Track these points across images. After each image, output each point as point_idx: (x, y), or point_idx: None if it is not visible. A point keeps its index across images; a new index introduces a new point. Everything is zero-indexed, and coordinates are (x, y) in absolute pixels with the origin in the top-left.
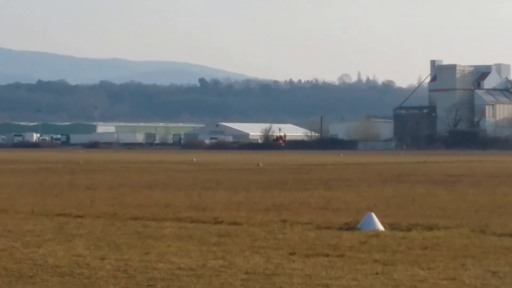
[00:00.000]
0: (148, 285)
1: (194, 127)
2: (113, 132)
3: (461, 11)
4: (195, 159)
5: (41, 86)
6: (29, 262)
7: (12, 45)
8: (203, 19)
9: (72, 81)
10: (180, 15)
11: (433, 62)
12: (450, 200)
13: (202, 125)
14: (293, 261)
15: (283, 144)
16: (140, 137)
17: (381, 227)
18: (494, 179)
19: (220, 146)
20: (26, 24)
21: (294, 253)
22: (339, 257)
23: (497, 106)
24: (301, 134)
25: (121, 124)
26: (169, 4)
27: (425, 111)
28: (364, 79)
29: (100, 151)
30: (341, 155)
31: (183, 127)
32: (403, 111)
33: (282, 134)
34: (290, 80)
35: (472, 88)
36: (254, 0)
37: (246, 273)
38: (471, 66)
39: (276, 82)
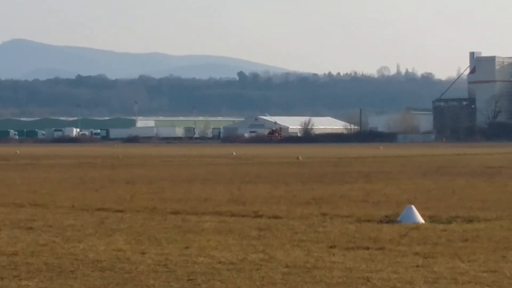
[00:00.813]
0: (188, 279)
1: (233, 120)
2: (152, 127)
3: (500, 1)
4: (234, 153)
5: (81, 81)
6: (70, 257)
7: (52, 40)
8: (242, 13)
9: (112, 75)
10: (219, 10)
11: (472, 54)
12: (490, 192)
13: (241, 119)
14: (333, 254)
15: (279, 137)
16: (179, 131)
17: (421, 220)
18: None
19: (259, 139)
20: (66, 19)
21: (334, 246)
22: (380, 250)
23: None
24: (340, 127)
25: (161, 118)
26: None
27: (464, 103)
28: (403, 71)
29: (139, 146)
30: (381, 147)
31: (222, 121)
32: (442, 103)
33: (278, 127)
34: (329, 73)
35: (511, 79)
36: None
37: (287, 266)
38: (510, 57)
39: (315, 75)
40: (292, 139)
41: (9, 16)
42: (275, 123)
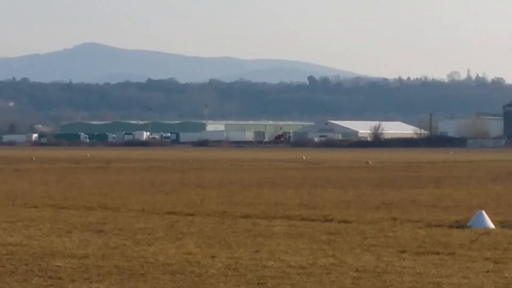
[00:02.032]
0: (258, 283)
1: (303, 125)
2: (222, 131)
3: None
4: (304, 157)
5: (151, 85)
6: (140, 260)
7: (124, 44)
8: (312, 17)
9: (182, 79)
10: (290, 14)
11: None
12: None
13: (311, 123)
14: (403, 259)
15: (284, 141)
16: (249, 135)
17: (491, 225)
18: None
19: (329, 144)
20: (137, 24)
21: (405, 251)
22: (450, 255)
23: None
24: (410, 132)
25: (231, 122)
26: (279, 3)
27: None
28: (473, 76)
29: (209, 149)
30: (451, 152)
31: (292, 125)
32: None
33: (283, 132)
34: (399, 77)
35: None
36: None
37: (357, 271)
38: None
39: (385, 79)
40: (362, 143)
41: (81, 20)
42: (280, 128)
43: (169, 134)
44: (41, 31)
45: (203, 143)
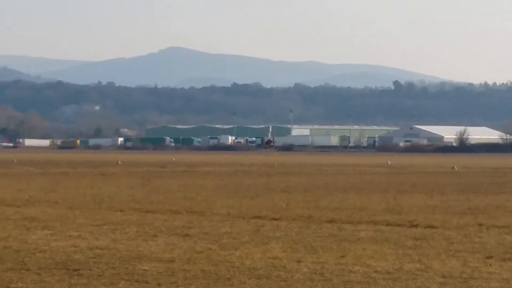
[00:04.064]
0: None
1: (388, 130)
2: (307, 135)
3: None
4: (389, 162)
5: (236, 89)
6: (226, 264)
7: (209, 48)
8: (398, 22)
9: (267, 84)
10: (375, 18)
11: None
12: None
13: (396, 128)
14: (490, 265)
15: (273, 146)
16: (334, 140)
17: None
18: None
19: (414, 149)
20: (222, 28)
21: (491, 257)
22: None
23: None
24: (496, 137)
25: (316, 127)
26: (364, 8)
27: None
28: None
29: (294, 154)
30: None
31: (377, 130)
32: None
33: (271, 138)
34: (485, 82)
35: None
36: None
37: (443, 276)
38: None
39: (471, 84)
40: (447, 148)
41: (167, 25)
42: (270, 134)
43: (254, 139)
44: (127, 36)
45: (288, 148)
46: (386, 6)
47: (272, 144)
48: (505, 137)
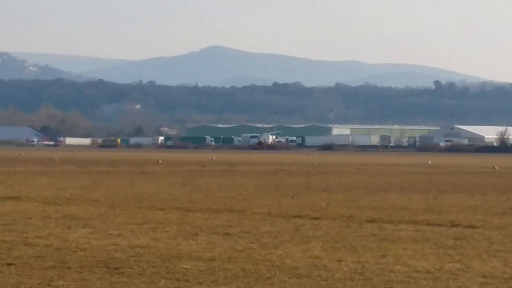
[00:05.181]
0: None
1: (428, 129)
2: (348, 135)
3: None
4: (430, 162)
5: (277, 88)
6: (267, 263)
7: (249, 47)
8: (438, 22)
9: (308, 83)
10: (415, 19)
11: None
12: None
13: (436, 128)
14: None
15: (264, 147)
16: (375, 140)
17: None
18: None
19: (455, 148)
20: (263, 27)
21: None
22: None
23: None
24: None
25: (356, 126)
26: (404, 8)
27: None
28: None
29: (334, 153)
30: None
31: (417, 129)
32: None
33: (263, 139)
34: None
35: None
36: (489, 1)
37: (484, 276)
38: None
39: None
40: (488, 148)
41: (208, 24)
42: (260, 135)
43: (294, 138)
44: (168, 35)
45: (328, 147)
46: (427, 5)
47: (263, 145)
48: None
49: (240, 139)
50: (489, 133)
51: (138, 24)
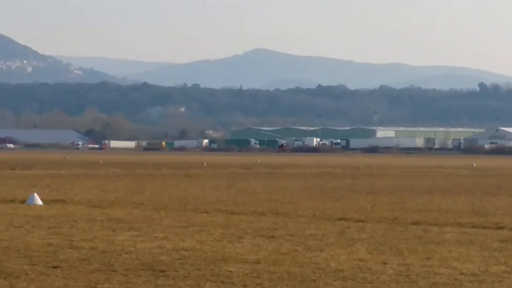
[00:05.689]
0: None
1: (473, 132)
2: (392, 137)
3: None
4: (474, 164)
5: (321, 91)
6: (312, 266)
7: (294, 50)
8: (483, 25)
9: (352, 85)
10: (460, 21)
11: None
12: None
13: (481, 130)
14: None
15: (286, 150)
16: (419, 142)
17: None
18: None
19: (500, 151)
20: (306, 30)
21: None
22: None
23: None
24: None
25: (401, 129)
26: (450, 10)
27: None
28: None
29: (379, 156)
30: None
31: (462, 131)
32: None
33: (284, 142)
34: None
35: None
36: None
37: None
38: None
39: None
40: None
41: (252, 27)
42: (278, 139)
43: (339, 140)
44: (212, 38)
45: (373, 150)
46: (472, 7)
47: (284, 148)
48: None
49: (284, 141)
50: None
51: (183, 27)
